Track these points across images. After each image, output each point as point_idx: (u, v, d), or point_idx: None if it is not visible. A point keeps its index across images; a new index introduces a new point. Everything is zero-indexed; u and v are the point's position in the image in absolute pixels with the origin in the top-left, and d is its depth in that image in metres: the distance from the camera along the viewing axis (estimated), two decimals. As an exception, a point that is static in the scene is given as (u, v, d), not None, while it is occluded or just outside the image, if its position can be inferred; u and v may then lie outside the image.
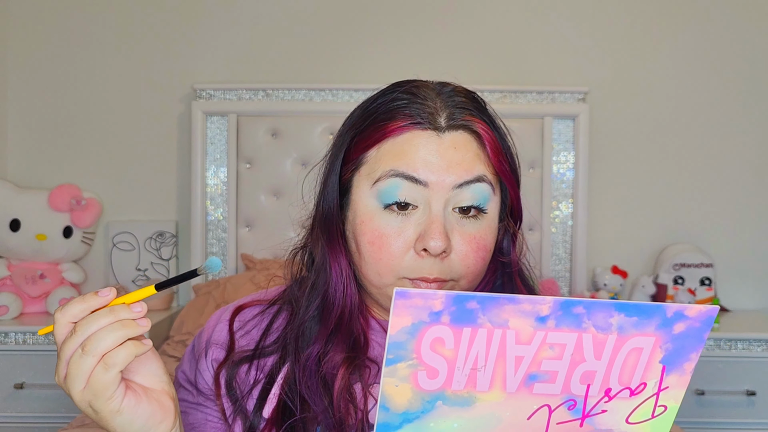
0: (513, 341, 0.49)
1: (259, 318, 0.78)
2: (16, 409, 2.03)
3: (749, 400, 2.06)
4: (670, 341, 0.50)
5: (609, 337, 0.49)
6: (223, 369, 0.74)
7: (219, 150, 2.36)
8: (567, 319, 0.48)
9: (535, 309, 0.48)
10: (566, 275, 2.38)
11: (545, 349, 0.49)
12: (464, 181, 0.66)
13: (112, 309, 0.57)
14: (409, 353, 0.49)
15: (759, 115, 2.45)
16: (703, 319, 0.49)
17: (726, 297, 2.44)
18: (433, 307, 0.47)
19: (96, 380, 0.56)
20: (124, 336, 0.56)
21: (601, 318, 0.48)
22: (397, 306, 0.47)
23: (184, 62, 2.45)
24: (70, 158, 2.45)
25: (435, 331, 0.48)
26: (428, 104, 0.68)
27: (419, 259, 0.66)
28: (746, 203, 2.46)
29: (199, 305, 2.14)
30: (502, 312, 0.48)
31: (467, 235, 0.67)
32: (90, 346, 0.56)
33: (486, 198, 0.67)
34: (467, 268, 0.68)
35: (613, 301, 0.48)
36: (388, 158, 0.67)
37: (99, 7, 2.44)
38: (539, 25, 2.45)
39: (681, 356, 0.50)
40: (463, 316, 0.48)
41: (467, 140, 0.67)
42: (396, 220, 0.67)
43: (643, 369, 0.50)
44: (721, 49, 2.45)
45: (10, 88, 2.44)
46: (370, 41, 2.45)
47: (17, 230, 2.23)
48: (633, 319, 0.49)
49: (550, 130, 2.34)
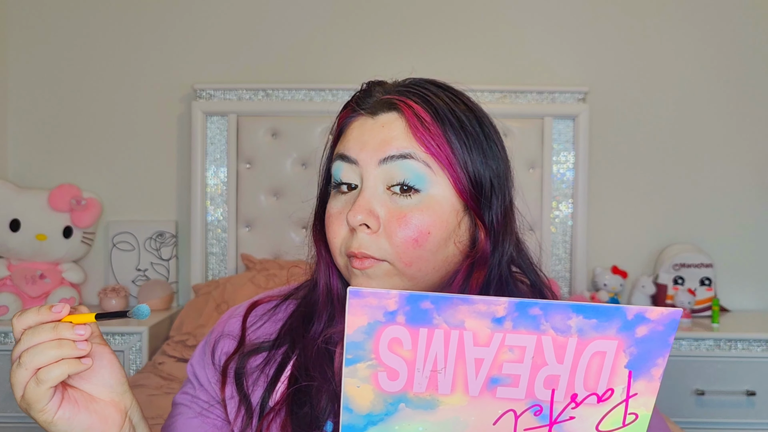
0: (471, 343, 0.48)
1: (271, 312, 0.81)
2: (16, 409, 2.03)
3: (749, 400, 2.06)
4: (633, 345, 0.49)
5: (569, 340, 0.48)
6: (233, 360, 0.76)
7: (219, 150, 2.36)
8: (524, 320, 0.48)
9: (491, 310, 0.47)
10: (566, 275, 2.38)
11: (505, 351, 0.48)
12: (388, 155, 0.67)
13: (55, 326, 0.59)
14: (367, 353, 0.48)
15: (759, 115, 2.45)
16: (666, 322, 0.48)
17: (726, 297, 2.44)
18: (388, 307, 0.47)
19: (29, 392, 0.59)
20: (59, 355, 0.59)
21: (558, 320, 0.48)
22: (352, 305, 0.47)
23: (184, 62, 2.45)
24: (70, 158, 2.45)
25: (391, 331, 0.48)
26: (374, 94, 0.72)
27: (352, 234, 0.68)
28: (746, 203, 2.46)
29: (198, 305, 2.14)
30: (457, 312, 0.47)
31: (396, 211, 0.67)
32: (25, 359, 0.59)
33: (418, 177, 0.66)
34: (396, 247, 0.66)
35: (570, 303, 0.47)
36: (338, 145, 0.72)
37: (99, 7, 2.44)
38: (539, 25, 2.45)
39: (647, 361, 0.49)
40: (418, 316, 0.47)
41: (397, 119, 0.69)
42: (340, 201, 0.70)
43: (608, 374, 0.49)
44: (721, 49, 2.45)
45: (10, 88, 2.44)
46: (370, 41, 2.45)
47: (17, 230, 2.23)
48: (592, 321, 0.48)
49: (550, 130, 2.34)
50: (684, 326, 2.18)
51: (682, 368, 2.07)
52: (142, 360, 2.06)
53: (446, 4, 2.45)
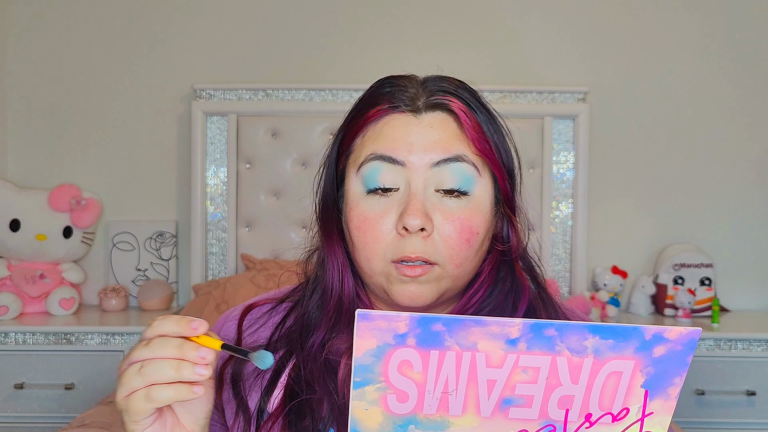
0: (483, 364, 0.47)
1: (267, 315, 0.79)
2: (16, 409, 2.03)
3: (749, 400, 2.06)
4: (651, 365, 0.48)
5: (585, 361, 0.47)
6: (229, 364, 0.74)
7: (219, 150, 2.36)
8: (539, 341, 0.47)
9: (504, 331, 0.46)
10: (566, 275, 2.38)
11: (518, 372, 0.48)
12: (442, 159, 0.66)
13: (181, 344, 0.58)
14: (376, 376, 0.48)
15: (759, 114, 2.45)
16: (685, 341, 0.48)
17: (726, 297, 2.44)
18: (398, 330, 0.46)
19: (134, 401, 0.57)
20: (176, 377, 0.57)
21: (574, 341, 0.47)
22: (360, 328, 0.46)
23: (184, 62, 2.45)
24: (70, 158, 2.45)
25: (401, 353, 0.47)
26: (409, 90, 0.69)
27: (401, 238, 0.66)
28: (746, 203, 2.46)
29: (199, 305, 2.14)
30: (470, 334, 0.46)
31: (449, 213, 0.67)
32: (146, 370, 0.57)
33: (468, 180, 0.67)
34: (451, 249, 0.67)
35: (587, 324, 0.46)
36: (369, 143, 0.68)
37: (99, 8, 2.44)
38: (539, 25, 2.45)
39: (664, 381, 0.49)
40: (429, 338, 0.46)
41: (445, 119, 0.68)
42: (379, 203, 0.67)
43: (624, 393, 0.49)
44: (721, 49, 2.45)
45: (10, 88, 2.44)
46: (370, 41, 2.45)
47: (17, 230, 2.23)
48: (609, 341, 0.47)
49: (550, 130, 2.34)
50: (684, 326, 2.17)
51: (682, 368, 2.07)
52: (142, 360, 2.06)
53: (446, 4, 2.45)
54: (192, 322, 0.58)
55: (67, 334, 2.05)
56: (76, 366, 2.04)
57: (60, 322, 2.12)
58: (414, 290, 0.67)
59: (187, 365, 0.57)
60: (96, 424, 1.47)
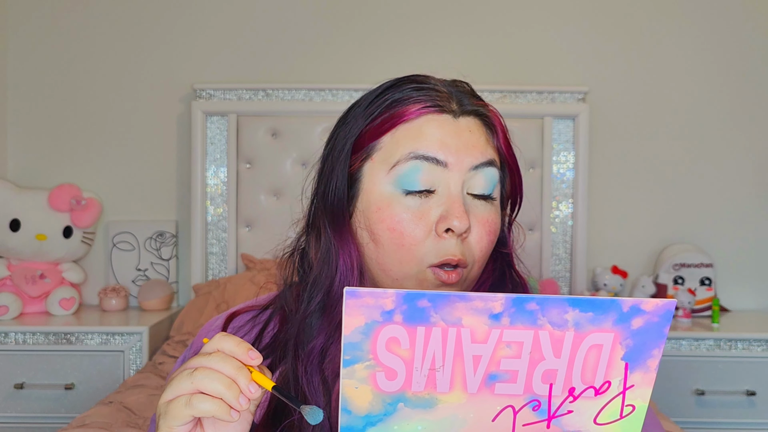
0: (469, 340, 0.48)
1: (251, 324, 0.77)
2: (16, 409, 2.03)
3: (749, 400, 2.06)
4: (629, 337, 0.49)
5: (566, 334, 0.48)
6: None
7: (219, 150, 2.36)
8: (521, 316, 0.48)
9: (488, 306, 0.47)
10: (566, 275, 2.38)
11: (502, 347, 0.48)
12: (480, 162, 0.67)
13: (240, 368, 0.57)
14: (365, 354, 0.48)
15: (759, 114, 2.45)
16: (661, 313, 0.48)
17: (726, 297, 2.44)
18: (385, 306, 0.47)
19: (176, 406, 0.57)
20: (222, 394, 0.56)
21: (555, 314, 0.48)
22: (349, 305, 0.47)
23: (184, 62, 2.45)
24: (70, 158, 2.45)
25: (389, 330, 0.48)
26: (439, 90, 0.69)
27: (441, 240, 0.66)
28: (746, 203, 2.46)
29: (199, 305, 2.14)
30: (454, 310, 0.47)
31: (481, 217, 0.68)
32: (198, 375, 0.56)
33: (495, 184, 0.69)
34: (481, 251, 0.68)
35: (567, 297, 0.47)
36: (405, 142, 0.67)
37: (99, 7, 2.44)
38: (539, 25, 2.45)
39: (643, 352, 0.50)
40: (415, 314, 0.47)
41: (479, 125, 0.69)
42: (416, 204, 0.66)
43: (605, 367, 0.50)
44: (721, 48, 2.45)
45: (10, 88, 2.44)
46: (371, 41, 2.45)
47: (17, 230, 2.23)
48: (588, 314, 0.48)
49: (550, 130, 2.35)
50: (684, 326, 2.18)
51: (682, 368, 2.07)
52: (142, 360, 2.06)
53: (446, 4, 2.45)
54: (251, 351, 0.57)
55: (67, 334, 2.05)
56: (76, 366, 2.04)
57: (60, 322, 2.12)
58: None
59: (235, 388, 0.56)
60: (96, 424, 1.47)
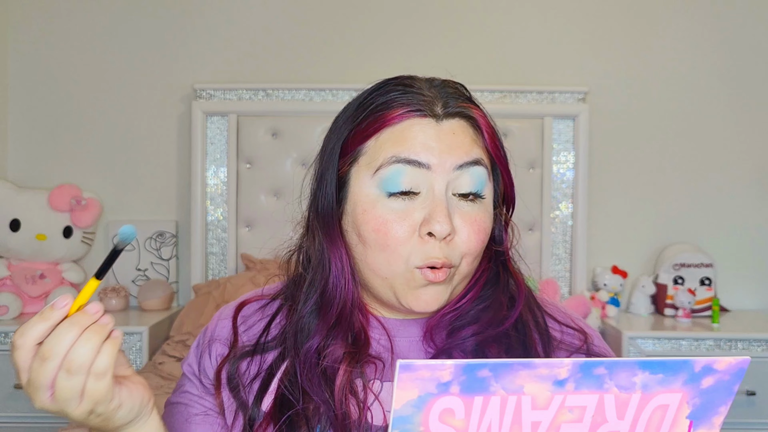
0: (529, 407, 0.46)
1: (260, 313, 0.79)
2: (16, 409, 2.03)
3: (749, 400, 2.06)
4: (698, 396, 0.47)
5: (633, 396, 0.46)
6: (225, 364, 0.75)
7: (219, 150, 2.36)
8: (587, 380, 0.45)
9: (553, 372, 0.45)
10: (566, 275, 2.38)
11: (564, 412, 0.46)
12: (464, 162, 0.68)
13: (72, 320, 0.56)
14: (416, 426, 0.46)
15: (759, 115, 2.45)
16: (734, 371, 0.47)
17: (726, 297, 2.44)
18: (441, 378, 0.44)
19: (93, 391, 0.56)
20: (99, 342, 0.56)
21: (624, 377, 0.46)
22: (402, 379, 0.44)
23: (184, 62, 2.45)
24: (70, 158, 2.45)
25: (444, 402, 0.45)
26: (424, 93, 0.70)
27: (424, 243, 0.67)
28: (746, 203, 2.46)
29: (199, 305, 2.14)
30: (517, 378, 0.45)
31: (468, 217, 0.68)
32: (75, 365, 0.55)
33: (483, 183, 0.69)
34: (469, 250, 0.69)
35: (637, 360, 0.46)
36: (388, 146, 0.68)
37: (99, 7, 2.44)
38: (539, 25, 2.45)
39: (709, 410, 0.48)
40: (474, 385, 0.45)
41: (464, 126, 0.70)
42: (400, 205, 0.67)
43: (669, 425, 0.48)
44: (721, 49, 2.45)
45: (10, 88, 2.44)
46: (370, 41, 2.45)
47: (17, 230, 2.23)
48: (658, 376, 0.46)
49: (550, 130, 2.34)
50: (684, 326, 2.18)
51: (682, 368, 2.06)
52: (142, 360, 2.06)
53: (446, 4, 2.45)
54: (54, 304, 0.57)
55: (67, 334, 2.04)
56: (76, 366, 2.04)
57: (60, 322, 2.12)
58: (431, 294, 0.68)
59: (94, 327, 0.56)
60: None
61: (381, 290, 0.71)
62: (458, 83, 0.74)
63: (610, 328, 2.20)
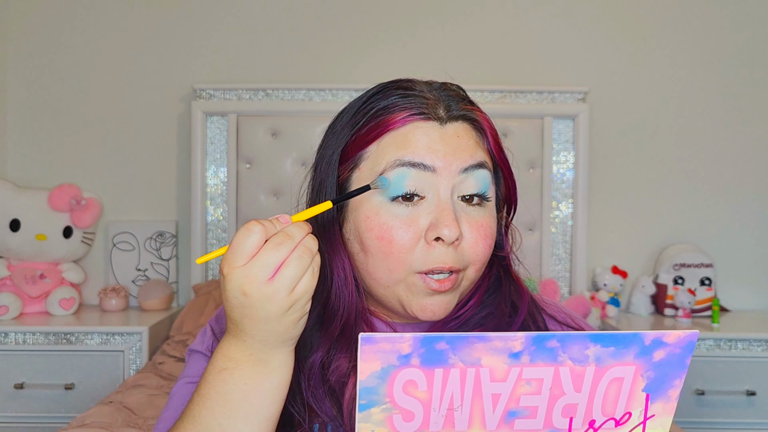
0: (488, 379, 0.48)
1: None
2: (16, 409, 2.03)
3: (749, 400, 2.06)
4: (651, 369, 0.49)
5: (587, 369, 0.48)
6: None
7: (219, 150, 2.36)
8: (541, 353, 0.47)
9: (507, 345, 0.47)
10: (566, 275, 2.38)
11: (522, 384, 0.48)
12: (469, 165, 0.67)
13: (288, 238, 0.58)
14: (381, 397, 0.48)
15: (759, 114, 2.45)
16: (684, 344, 0.48)
17: (726, 297, 2.44)
18: (402, 350, 0.46)
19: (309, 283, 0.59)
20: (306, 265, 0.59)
21: (576, 350, 0.48)
22: (364, 351, 0.46)
23: (184, 62, 2.45)
24: (70, 158, 2.45)
25: (406, 374, 0.47)
26: (425, 96, 0.68)
27: (431, 249, 0.65)
28: (746, 203, 2.46)
29: (199, 305, 2.14)
30: (473, 351, 0.47)
31: (475, 222, 0.67)
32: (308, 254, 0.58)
33: (488, 185, 0.68)
34: (476, 255, 0.68)
35: (588, 333, 0.47)
36: (391, 150, 0.66)
37: (99, 7, 2.44)
38: (539, 25, 2.45)
39: (664, 383, 0.49)
40: (433, 357, 0.47)
41: (468, 129, 0.69)
42: (404, 211, 0.66)
43: (626, 398, 0.50)
44: (721, 49, 2.45)
45: (10, 88, 2.44)
46: (370, 41, 2.45)
47: (17, 230, 2.23)
48: (610, 349, 0.48)
49: (550, 130, 2.34)
50: (684, 326, 2.18)
51: (682, 368, 2.06)
52: (142, 360, 2.06)
53: (446, 4, 2.45)
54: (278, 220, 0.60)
55: (67, 334, 2.05)
56: (76, 366, 2.04)
57: (60, 322, 2.12)
58: (438, 303, 0.67)
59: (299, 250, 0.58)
60: (96, 424, 1.47)
61: (385, 299, 0.70)
62: (456, 85, 0.73)
63: (610, 329, 2.20)
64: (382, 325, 0.74)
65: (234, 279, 0.57)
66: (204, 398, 0.61)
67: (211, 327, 0.80)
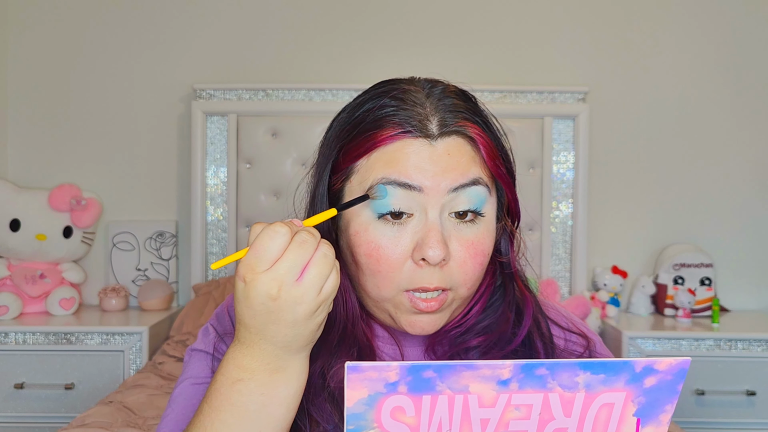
0: (476, 405, 0.48)
1: None
2: (16, 409, 2.03)
3: (749, 400, 2.06)
4: (642, 395, 0.49)
5: (577, 395, 0.48)
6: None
7: (219, 150, 2.36)
8: (530, 381, 0.47)
9: (495, 373, 0.47)
10: (566, 275, 2.38)
11: (511, 410, 0.48)
12: (459, 184, 0.64)
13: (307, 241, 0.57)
14: (369, 422, 0.48)
15: (759, 114, 2.45)
16: (675, 371, 0.48)
17: (726, 297, 2.44)
18: (389, 379, 0.46)
19: (335, 282, 0.57)
20: (331, 263, 0.58)
21: (566, 378, 0.47)
22: (351, 380, 0.46)
23: (184, 62, 2.45)
24: (70, 158, 2.45)
25: (393, 400, 0.47)
26: (418, 110, 0.65)
27: (418, 269, 0.64)
28: (746, 203, 2.46)
29: (199, 305, 2.14)
30: (461, 378, 0.47)
31: (465, 240, 0.65)
32: (331, 252, 0.57)
33: (482, 201, 0.65)
34: (465, 275, 0.65)
35: (578, 360, 0.47)
36: (378, 167, 0.64)
37: (99, 7, 2.44)
38: (539, 25, 2.45)
39: (655, 408, 0.49)
40: (420, 385, 0.47)
41: (461, 145, 0.65)
42: (391, 230, 0.64)
43: (616, 423, 0.49)
44: (721, 49, 2.45)
45: (10, 88, 2.44)
46: (370, 41, 2.45)
47: (17, 230, 2.23)
48: (600, 376, 0.48)
49: (550, 130, 2.35)
50: (684, 326, 2.18)
51: (682, 368, 2.07)
52: (142, 360, 2.06)
53: (446, 4, 2.45)
54: (292, 223, 0.58)
55: (67, 334, 2.05)
56: (76, 366, 2.04)
57: (60, 322, 2.12)
58: (426, 321, 0.66)
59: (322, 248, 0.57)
60: (96, 423, 1.48)
61: (377, 312, 0.69)
62: (461, 90, 0.70)
63: (610, 329, 2.20)
64: (381, 330, 0.73)
65: (260, 284, 0.55)
66: (216, 410, 0.60)
67: (212, 326, 0.79)
